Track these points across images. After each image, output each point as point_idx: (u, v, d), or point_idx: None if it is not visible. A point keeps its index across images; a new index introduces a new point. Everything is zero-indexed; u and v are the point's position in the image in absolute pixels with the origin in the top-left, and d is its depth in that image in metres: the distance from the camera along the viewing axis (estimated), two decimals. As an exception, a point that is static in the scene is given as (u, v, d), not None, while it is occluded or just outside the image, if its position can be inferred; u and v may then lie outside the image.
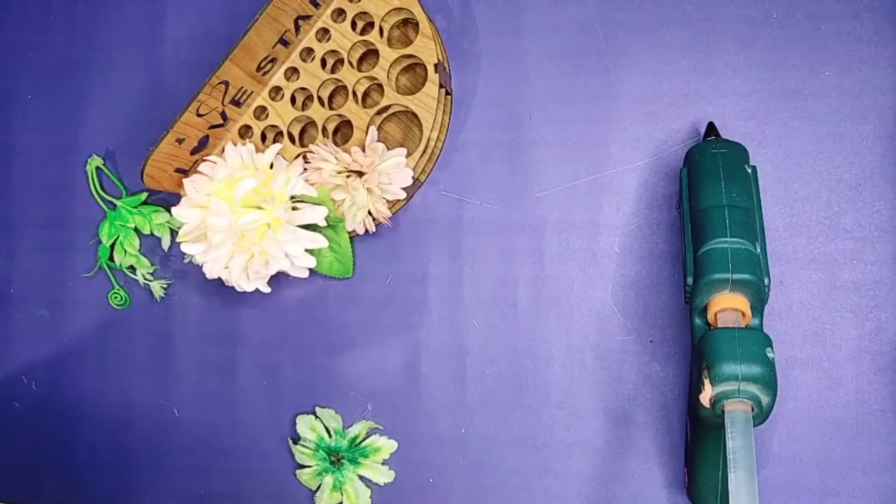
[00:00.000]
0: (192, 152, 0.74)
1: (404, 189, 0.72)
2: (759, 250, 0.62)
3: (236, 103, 0.75)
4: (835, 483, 0.70)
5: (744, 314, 0.61)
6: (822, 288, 0.71)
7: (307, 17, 0.74)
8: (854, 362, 0.70)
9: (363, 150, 0.72)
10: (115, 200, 0.81)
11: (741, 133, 0.72)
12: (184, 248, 0.72)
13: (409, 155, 0.72)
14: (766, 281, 0.62)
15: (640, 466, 0.73)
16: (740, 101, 0.73)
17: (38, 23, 0.87)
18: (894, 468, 0.69)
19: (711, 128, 0.70)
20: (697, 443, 0.66)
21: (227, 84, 0.72)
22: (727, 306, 0.61)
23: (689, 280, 0.63)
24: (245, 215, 0.67)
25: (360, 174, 0.71)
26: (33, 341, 0.84)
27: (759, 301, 0.62)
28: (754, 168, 0.67)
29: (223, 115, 0.74)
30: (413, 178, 0.72)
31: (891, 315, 0.70)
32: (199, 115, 0.72)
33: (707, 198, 0.64)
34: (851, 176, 0.71)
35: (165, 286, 0.81)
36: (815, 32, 0.72)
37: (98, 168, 0.83)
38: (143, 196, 0.81)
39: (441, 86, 0.72)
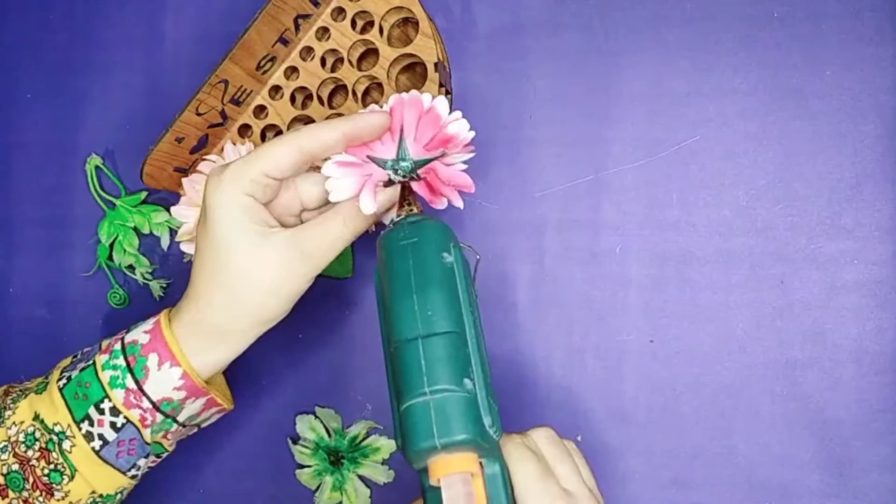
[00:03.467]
0: (192, 151, 0.74)
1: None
2: (473, 380, 0.51)
3: (236, 102, 0.74)
4: (835, 483, 0.70)
5: (473, 473, 0.50)
6: (822, 288, 0.71)
7: (307, 16, 0.74)
8: (854, 362, 0.70)
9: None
10: (114, 200, 0.81)
11: (741, 133, 0.72)
12: (183, 247, 0.72)
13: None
14: (494, 427, 0.51)
15: (639, 466, 0.73)
16: (741, 101, 0.72)
17: (37, 22, 0.87)
18: (894, 468, 0.69)
19: (405, 189, 0.59)
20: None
21: (226, 83, 0.72)
22: (450, 471, 0.49)
23: (399, 441, 0.51)
24: None
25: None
26: (32, 340, 0.84)
27: (487, 443, 0.51)
28: (459, 248, 0.56)
29: (222, 114, 0.74)
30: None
31: (891, 315, 0.70)
32: (199, 114, 0.72)
33: (400, 328, 0.52)
34: (852, 175, 0.71)
35: (165, 285, 0.81)
36: (816, 32, 0.72)
37: (97, 167, 0.82)
38: (143, 195, 0.81)
39: (441, 85, 0.72)
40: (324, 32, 0.75)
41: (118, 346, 0.60)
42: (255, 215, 0.56)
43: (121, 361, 0.59)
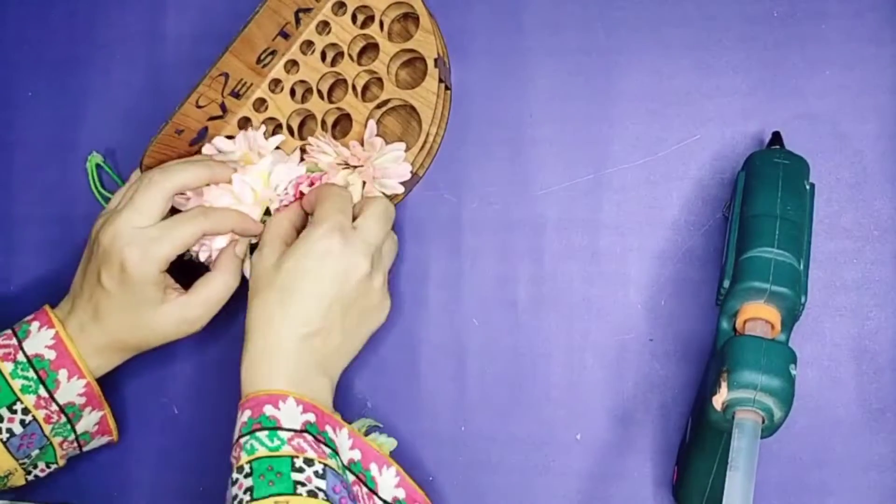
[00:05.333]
0: (191, 143, 0.74)
1: (402, 184, 0.72)
2: (802, 267, 0.61)
3: (236, 95, 0.75)
4: (835, 483, 0.69)
5: (773, 327, 0.60)
6: (822, 287, 0.70)
7: (308, 10, 0.74)
8: (854, 362, 0.70)
9: (362, 144, 0.72)
10: (114, 197, 0.81)
11: (741, 132, 0.72)
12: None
13: (407, 149, 0.72)
14: (803, 299, 0.61)
15: (639, 465, 0.73)
16: (741, 100, 0.73)
17: (38, 19, 0.87)
18: (894, 468, 0.69)
19: (777, 137, 0.69)
20: (695, 444, 0.65)
21: (226, 76, 0.72)
22: (759, 316, 0.60)
23: (726, 283, 0.62)
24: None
25: (359, 168, 0.71)
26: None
27: (791, 317, 0.61)
28: (813, 185, 0.66)
29: (222, 107, 0.74)
30: (411, 172, 0.72)
31: (891, 315, 0.70)
32: (199, 107, 0.72)
33: (760, 205, 0.63)
34: (852, 175, 0.71)
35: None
36: (816, 31, 0.72)
37: (98, 165, 0.82)
38: (143, 193, 0.81)
39: (441, 80, 0.72)
40: (324, 26, 0.75)
41: (22, 358, 0.70)
42: (161, 284, 0.69)
43: (31, 374, 0.69)
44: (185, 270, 0.72)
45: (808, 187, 0.65)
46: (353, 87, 0.74)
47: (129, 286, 0.68)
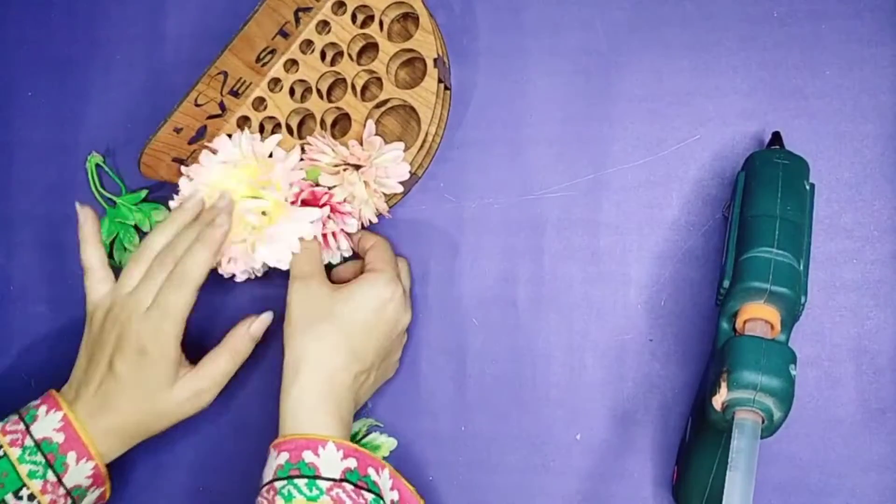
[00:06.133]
0: (190, 142, 0.74)
1: (401, 183, 0.72)
2: (802, 267, 0.61)
3: (235, 94, 0.75)
4: (835, 483, 0.69)
5: (773, 327, 0.61)
6: (822, 287, 0.70)
7: (307, 9, 0.74)
8: (854, 362, 0.70)
9: (361, 144, 0.72)
10: (114, 198, 0.81)
11: (741, 132, 0.72)
12: None
13: (406, 149, 0.72)
14: (803, 299, 0.61)
15: (638, 465, 0.72)
16: (741, 100, 0.73)
17: (38, 19, 0.87)
18: (894, 468, 0.69)
19: (777, 137, 0.69)
20: (695, 444, 0.65)
21: (225, 74, 0.72)
22: (758, 316, 0.61)
23: (726, 283, 0.63)
24: (247, 201, 0.68)
25: (357, 167, 0.71)
26: (33, 338, 0.84)
27: (790, 317, 0.61)
28: (813, 185, 0.66)
29: (221, 106, 0.74)
30: (410, 172, 0.72)
31: (891, 315, 0.70)
32: (198, 105, 0.72)
33: (760, 206, 0.63)
34: (851, 175, 0.71)
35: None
36: (816, 31, 0.72)
37: (98, 165, 0.82)
38: (143, 193, 0.81)
39: (440, 81, 0.72)
40: (324, 26, 0.75)
41: (30, 443, 0.68)
42: (177, 362, 0.70)
43: (39, 458, 0.67)
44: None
45: (808, 187, 0.65)
46: (353, 87, 0.74)
47: (146, 370, 0.68)
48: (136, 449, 0.72)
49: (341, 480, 0.61)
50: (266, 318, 0.73)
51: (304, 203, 0.70)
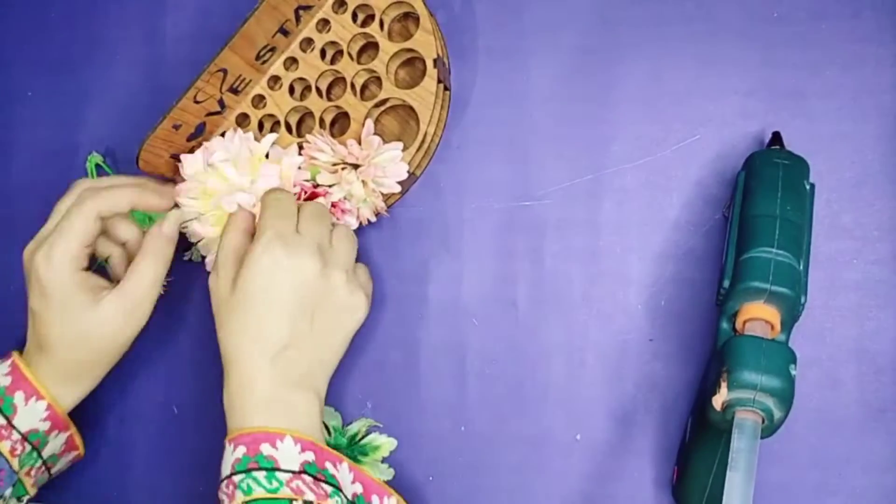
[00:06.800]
0: (189, 139, 0.74)
1: (399, 183, 0.72)
2: (801, 267, 0.61)
3: (234, 91, 0.74)
4: (835, 483, 0.69)
5: (773, 327, 0.61)
6: (822, 287, 0.70)
7: (308, 7, 0.74)
8: (854, 362, 0.70)
9: (359, 143, 0.72)
10: (113, 197, 0.81)
11: (742, 132, 0.72)
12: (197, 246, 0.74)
13: (405, 149, 0.72)
14: (803, 299, 0.61)
15: (639, 465, 0.72)
16: (741, 100, 0.73)
17: (37, 19, 0.87)
18: (894, 468, 0.69)
19: (777, 137, 0.69)
20: (695, 444, 0.65)
21: (225, 72, 0.72)
22: (758, 316, 0.61)
23: (726, 283, 0.63)
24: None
25: (356, 166, 0.71)
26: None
27: (790, 317, 0.61)
28: (813, 185, 0.66)
29: (221, 103, 0.74)
30: (408, 172, 0.72)
31: (891, 315, 0.70)
32: (197, 102, 0.72)
33: (760, 206, 0.63)
34: (852, 175, 0.71)
35: (165, 283, 0.80)
36: (817, 31, 0.72)
37: (98, 165, 0.82)
38: (143, 193, 0.81)
39: (439, 81, 0.72)
40: (324, 24, 0.75)
41: None
42: (85, 286, 0.69)
43: None
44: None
45: (808, 187, 0.65)
46: (352, 86, 0.74)
47: (52, 299, 0.68)
48: (136, 448, 0.72)
49: (300, 472, 0.61)
50: (176, 214, 0.71)
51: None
